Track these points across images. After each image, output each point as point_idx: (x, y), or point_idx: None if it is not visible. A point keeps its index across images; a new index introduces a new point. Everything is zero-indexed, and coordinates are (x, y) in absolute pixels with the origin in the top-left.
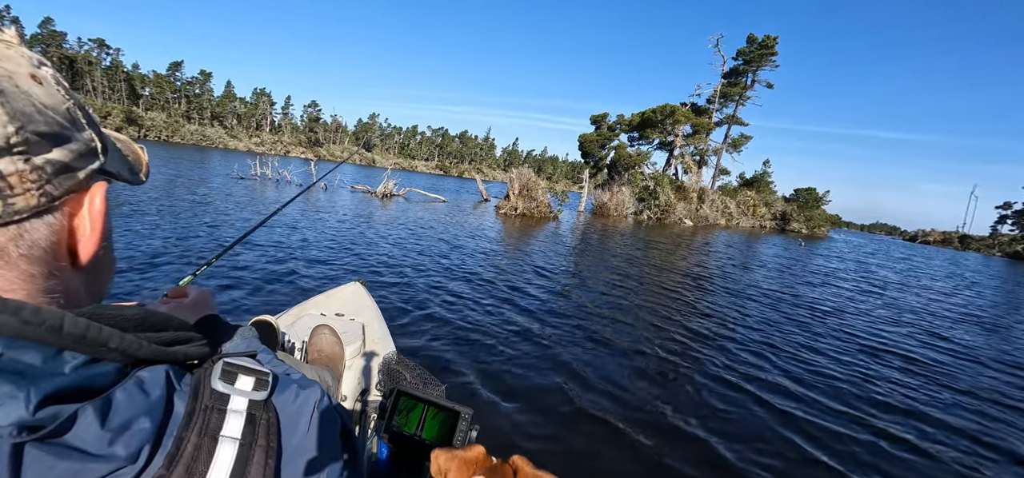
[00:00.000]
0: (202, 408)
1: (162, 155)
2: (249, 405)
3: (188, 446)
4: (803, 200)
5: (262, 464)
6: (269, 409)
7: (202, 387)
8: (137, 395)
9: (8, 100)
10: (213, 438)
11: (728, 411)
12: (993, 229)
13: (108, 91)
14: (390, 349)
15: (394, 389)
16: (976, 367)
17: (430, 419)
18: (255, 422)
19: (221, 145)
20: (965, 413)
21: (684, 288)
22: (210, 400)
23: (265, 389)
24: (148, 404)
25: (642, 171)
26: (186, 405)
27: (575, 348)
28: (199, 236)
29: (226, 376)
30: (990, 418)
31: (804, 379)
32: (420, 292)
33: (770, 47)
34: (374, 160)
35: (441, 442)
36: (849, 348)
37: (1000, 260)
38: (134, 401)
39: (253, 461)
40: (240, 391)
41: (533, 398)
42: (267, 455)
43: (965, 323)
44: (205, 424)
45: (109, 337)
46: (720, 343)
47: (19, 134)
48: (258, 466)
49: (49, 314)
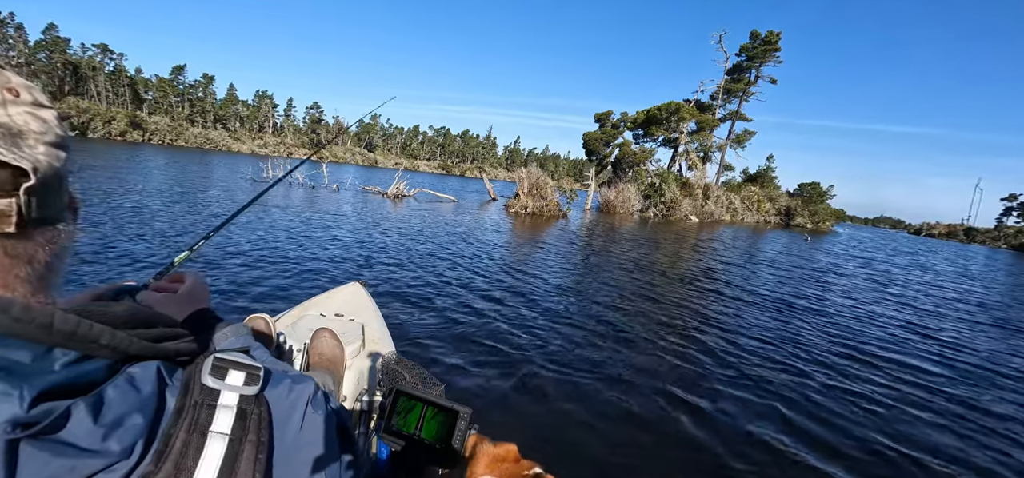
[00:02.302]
0: (192, 404)
1: (169, 158)
2: (240, 400)
3: (177, 442)
4: (807, 195)
5: (252, 459)
6: (261, 404)
7: (193, 383)
8: (129, 391)
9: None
10: (202, 434)
11: (754, 419)
12: (999, 221)
13: (112, 96)
14: (390, 349)
15: (393, 389)
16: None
17: (429, 419)
18: (246, 417)
19: (224, 148)
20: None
21: (697, 287)
22: (200, 396)
23: (256, 384)
24: (140, 400)
25: (647, 168)
26: (176, 401)
27: (583, 348)
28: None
29: (216, 371)
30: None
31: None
32: (429, 291)
33: (773, 43)
34: (376, 160)
35: (440, 442)
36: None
37: (1006, 252)
38: (126, 397)
39: (243, 456)
40: (231, 386)
41: (535, 397)
42: (257, 450)
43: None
44: (194, 420)
45: (99, 334)
46: (734, 347)
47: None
48: (248, 461)
49: (39, 312)
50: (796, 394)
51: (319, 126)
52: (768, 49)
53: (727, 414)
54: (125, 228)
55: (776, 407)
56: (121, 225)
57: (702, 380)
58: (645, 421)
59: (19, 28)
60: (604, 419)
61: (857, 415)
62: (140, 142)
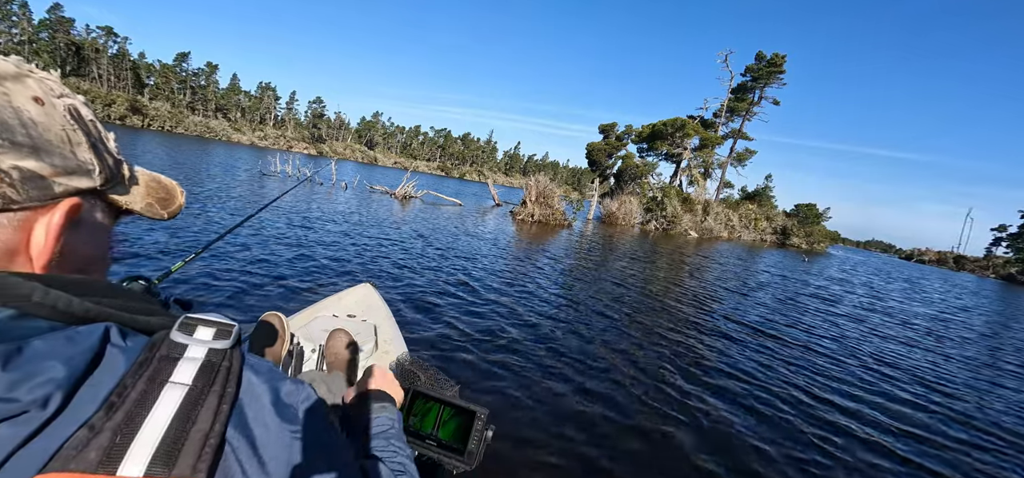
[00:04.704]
0: (157, 358)
1: (169, 145)
2: (208, 353)
3: (132, 393)
4: (803, 216)
5: (213, 409)
6: (232, 358)
7: (160, 340)
8: (60, 345)
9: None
10: (160, 385)
11: (762, 429)
12: (988, 251)
13: (114, 79)
14: (402, 350)
15: (409, 389)
16: None
17: (446, 419)
18: (212, 368)
19: (224, 138)
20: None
21: (703, 306)
22: (166, 349)
23: (227, 338)
24: (69, 353)
25: (649, 182)
26: (141, 355)
27: (592, 350)
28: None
29: (185, 327)
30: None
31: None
32: (440, 294)
33: (778, 65)
34: (376, 158)
35: (458, 442)
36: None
37: (994, 281)
38: (54, 350)
39: (204, 405)
40: (199, 340)
41: (547, 400)
42: (221, 400)
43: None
44: (155, 372)
45: (31, 291)
46: (740, 361)
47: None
48: (209, 410)
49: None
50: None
51: (321, 121)
52: (773, 71)
53: (762, 432)
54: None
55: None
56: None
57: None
58: (651, 428)
59: (23, 6)
60: (617, 424)
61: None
62: (140, 127)
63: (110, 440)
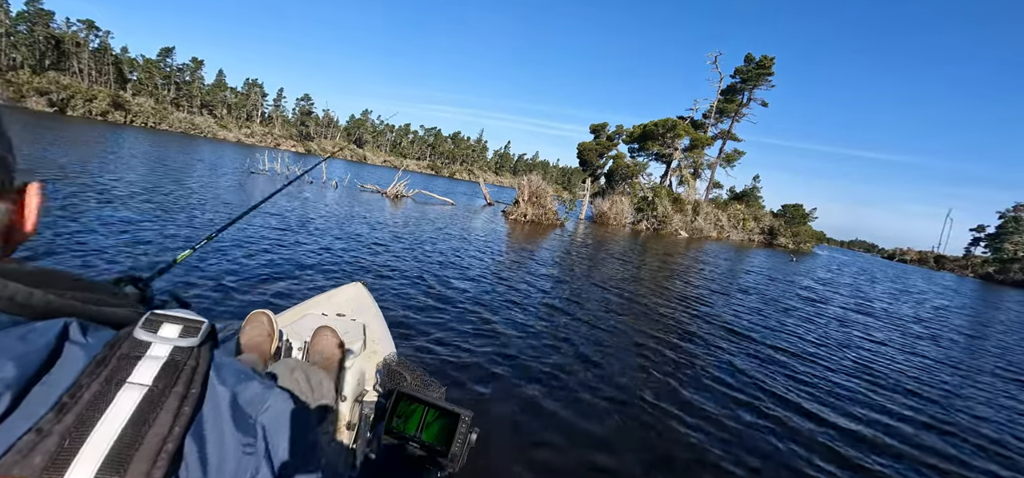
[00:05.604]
0: (117, 356)
1: (151, 142)
2: (172, 351)
3: (85, 394)
4: (790, 216)
5: (173, 411)
6: (199, 357)
7: (122, 337)
8: (12, 343)
9: None
10: (117, 385)
11: (746, 431)
12: (967, 251)
13: (95, 74)
14: (390, 350)
15: (394, 390)
16: None
17: (430, 421)
18: (176, 367)
19: (210, 134)
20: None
21: (696, 305)
22: (128, 348)
23: (194, 336)
24: (21, 351)
25: (640, 181)
26: (99, 354)
27: (582, 351)
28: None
29: (148, 325)
30: None
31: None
32: (431, 294)
33: (767, 67)
34: (365, 156)
35: (441, 444)
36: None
37: (973, 280)
38: (5, 348)
39: (163, 408)
40: (164, 338)
41: (535, 402)
42: (182, 402)
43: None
44: (113, 372)
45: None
46: (729, 357)
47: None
48: (168, 413)
49: None
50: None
51: (309, 118)
52: (762, 73)
53: (746, 434)
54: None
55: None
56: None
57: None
58: (639, 430)
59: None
60: (591, 423)
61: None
62: (122, 123)
63: (57, 444)
